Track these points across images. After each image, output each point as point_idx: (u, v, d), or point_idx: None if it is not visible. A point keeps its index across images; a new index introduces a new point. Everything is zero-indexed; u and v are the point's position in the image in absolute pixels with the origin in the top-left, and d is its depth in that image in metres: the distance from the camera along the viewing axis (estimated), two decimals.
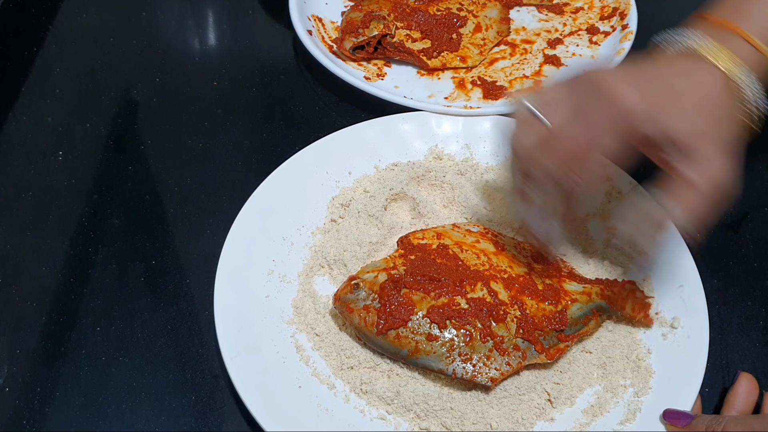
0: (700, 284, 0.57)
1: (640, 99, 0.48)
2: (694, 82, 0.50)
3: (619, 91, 0.48)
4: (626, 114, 0.48)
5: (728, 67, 0.50)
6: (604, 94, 0.49)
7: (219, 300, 0.55)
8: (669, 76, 0.50)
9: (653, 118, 0.48)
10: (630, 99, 0.48)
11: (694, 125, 0.49)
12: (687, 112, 0.49)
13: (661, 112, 0.48)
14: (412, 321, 0.52)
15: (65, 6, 0.83)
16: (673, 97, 0.49)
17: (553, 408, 0.53)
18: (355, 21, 0.76)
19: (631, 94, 0.48)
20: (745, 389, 0.52)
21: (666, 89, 0.50)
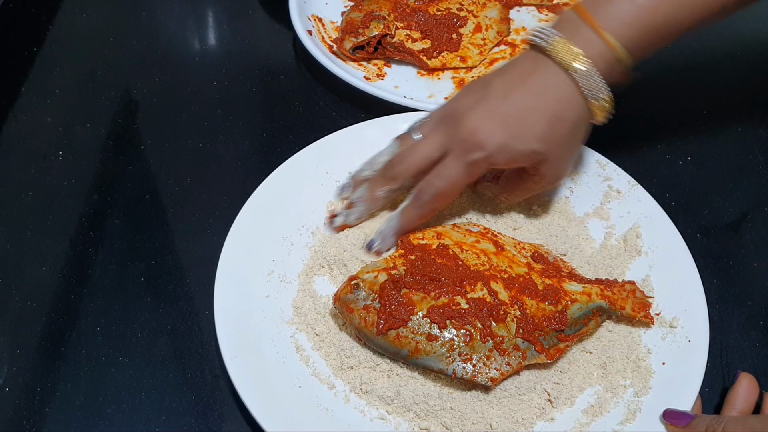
0: (700, 284, 0.57)
1: (490, 134, 0.54)
2: (542, 89, 0.55)
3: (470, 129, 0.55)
4: (478, 149, 0.55)
5: (566, 64, 0.53)
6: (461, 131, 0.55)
7: (219, 300, 0.55)
8: (521, 92, 0.55)
9: (507, 148, 0.54)
10: (481, 136, 0.54)
11: (545, 137, 0.55)
12: (538, 129, 0.54)
13: (515, 138, 0.54)
14: (412, 321, 0.52)
15: (65, 6, 0.83)
16: (524, 118, 0.54)
17: (553, 408, 0.53)
18: (355, 21, 0.76)
19: (483, 130, 0.54)
20: (745, 389, 0.52)
21: (517, 110, 0.55)
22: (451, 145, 0.56)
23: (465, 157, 0.55)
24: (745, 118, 0.75)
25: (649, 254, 0.60)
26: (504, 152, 0.55)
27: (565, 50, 0.54)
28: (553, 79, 0.54)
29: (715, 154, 0.71)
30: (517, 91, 0.55)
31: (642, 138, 0.71)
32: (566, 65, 0.53)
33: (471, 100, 0.56)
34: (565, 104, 0.54)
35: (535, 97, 0.55)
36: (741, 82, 0.78)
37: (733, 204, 0.67)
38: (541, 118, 0.54)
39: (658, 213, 0.62)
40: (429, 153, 0.57)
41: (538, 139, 0.54)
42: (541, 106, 0.54)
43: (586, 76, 0.53)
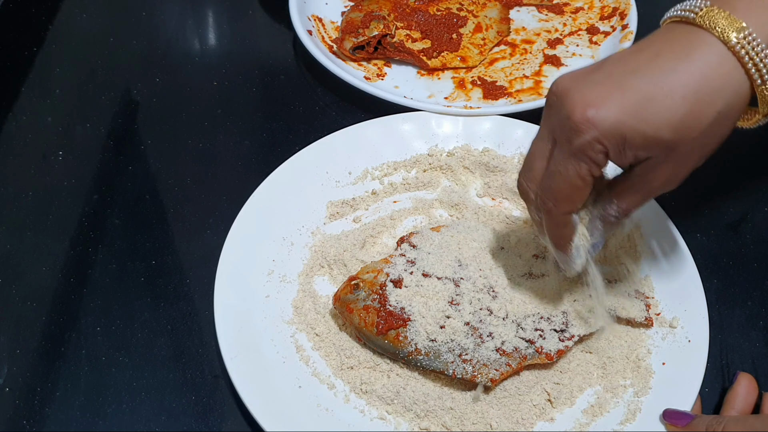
0: (700, 284, 0.57)
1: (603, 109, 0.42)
2: (685, 62, 0.42)
3: (576, 104, 0.42)
4: (585, 130, 0.42)
5: (725, 32, 0.42)
6: (564, 108, 0.43)
7: (219, 300, 0.55)
8: (655, 64, 0.43)
9: (626, 129, 0.42)
10: (590, 111, 0.42)
11: (681, 125, 0.42)
12: (674, 112, 0.42)
13: (639, 119, 0.42)
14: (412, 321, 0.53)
15: (65, 6, 0.83)
16: (657, 95, 0.42)
17: (553, 408, 0.53)
18: (355, 21, 0.76)
19: (593, 103, 0.42)
20: (745, 389, 0.52)
21: (648, 85, 0.42)
22: (557, 128, 0.44)
23: (570, 142, 0.43)
24: None
25: (649, 254, 0.60)
26: (620, 133, 0.42)
27: (722, 17, 0.42)
28: (703, 53, 0.42)
29: (715, 154, 0.71)
30: (652, 63, 0.42)
31: None
32: (722, 33, 0.41)
33: (582, 73, 0.44)
34: (717, 84, 0.42)
35: (676, 71, 0.42)
36: None
37: (733, 204, 0.67)
38: (679, 98, 0.41)
39: (658, 213, 0.62)
40: (539, 150, 0.46)
41: (670, 125, 0.42)
42: (682, 84, 0.42)
43: (752, 49, 0.41)
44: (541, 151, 0.46)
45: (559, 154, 0.44)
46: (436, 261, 0.55)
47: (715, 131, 0.44)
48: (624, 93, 0.42)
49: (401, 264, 0.55)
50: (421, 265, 0.55)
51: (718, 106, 0.42)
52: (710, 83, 0.42)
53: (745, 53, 0.42)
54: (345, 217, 0.63)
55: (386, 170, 0.66)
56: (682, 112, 0.42)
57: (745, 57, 0.42)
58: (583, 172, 0.44)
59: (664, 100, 0.42)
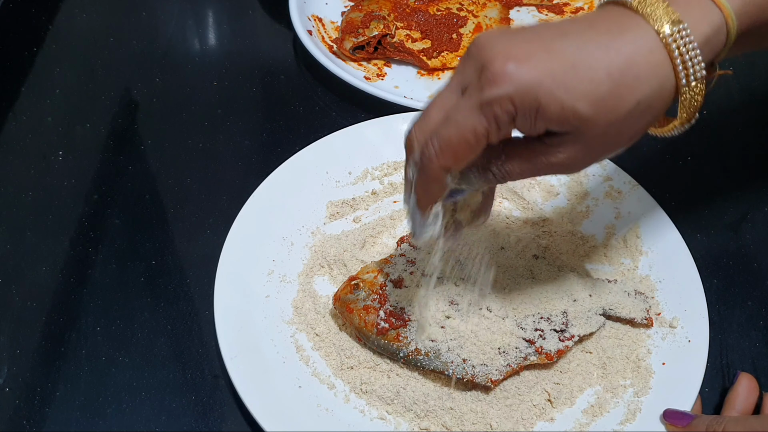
0: (700, 284, 0.57)
1: (525, 65, 0.39)
2: (617, 41, 0.40)
3: (497, 54, 0.39)
4: (500, 82, 0.39)
5: (658, 20, 0.40)
6: (483, 57, 0.40)
7: (219, 300, 0.55)
8: (587, 35, 0.40)
9: (543, 91, 0.39)
10: (510, 65, 0.39)
11: (599, 101, 0.39)
12: (595, 86, 0.39)
13: (558, 83, 0.39)
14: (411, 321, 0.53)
15: (65, 6, 0.83)
16: (582, 63, 0.39)
17: (553, 408, 0.53)
18: (355, 21, 0.76)
19: (515, 57, 0.39)
20: (745, 389, 0.52)
21: (575, 52, 0.40)
22: (470, 79, 0.41)
23: (482, 92, 0.39)
24: (745, 118, 0.75)
25: (649, 254, 0.60)
26: (535, 96, 0.39)
27: (660, 7, 0.40)
28: (635, 36, 0.40)
29: (715, 154, 0.71)
30: (584, 33, 0.40)
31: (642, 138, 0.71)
32: (656, 21, 0.40)
33: (511, 29, 0.42)
34: (643, 70, 0.40)
35: (606, 46, 0.40)
36: (741, 82, 0.78)
37: (733, 204, 0.67)
38: (603, 73, 0.39)
39: (658, 213, 0.62)
40: (443, 100, 0.42)
41: (589, 99, 0.39)
42: (609, 60, 0.39)
43: (684, 44, 0.40)
44: (443, 101, 0.42)
45: (463, 103, 0.41)
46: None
47: (632, 122, 0.41)
48: (549, 55, 0.40)
49: (401, 264, 0.55)
50: (421, 265, 0.55)
51: (640, 94, 0.40)
52: (636, 68, 0.40)
53: (676, 47, 0.40)
54: (345, 217, 0.63)
55: (386, 170, 0.66)
56: (604, 88, 0.39)
57: (675, 51, 0.40)
58: (480, 129, 0.40)
59: (588, 71, 0.39)
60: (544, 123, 0.40)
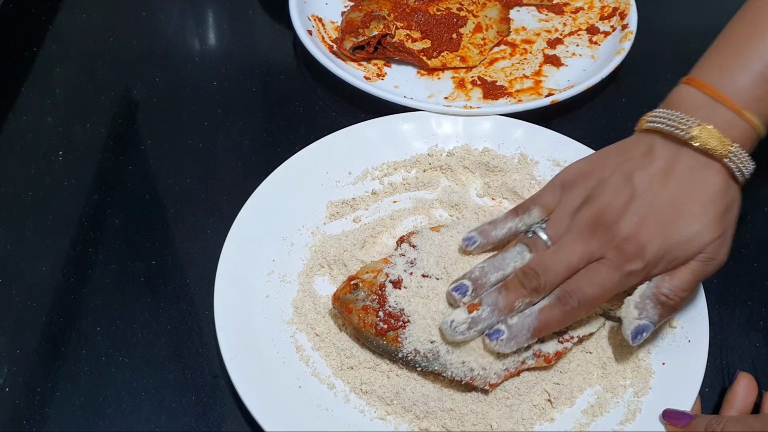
0: (700, 284, 0.57)
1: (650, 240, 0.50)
2: (690, 182, 0.51)
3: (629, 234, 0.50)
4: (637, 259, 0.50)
5: (718, 153, 0.51)
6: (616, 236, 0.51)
7: (219, 300, 0.55)
8: (670, 187, 0.51)
9: (668, 253, 0.50)
10: (640, 244, 0.50)
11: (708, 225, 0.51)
12: (696, 222, 0.50)
13: (675, 243, 0.50)
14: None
15: (65, 6, 0.83)
16: (680, 216, 0.51)
17: (553, 408, 0.53)
18: (355, 21, 0.76)
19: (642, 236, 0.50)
20: (744, 389, 0.52)
21: (670, 208, 0.51)
22: (605, 253, 0.51)
23: (622, 267, 0.50)
24: None
25: None
26: (664, 259, 0.50)
27: (710, 137, 0.51)
28: (702, 170, 0.51)
29: None
30: (666, 186, 0.51)
31: None
32: (718, 155, 0.51)
33: (619, 201, 0.52)
34: (719, 193, 0.51)
35: (685, 191, 0.51)
36: None
37: None
38: (697, 210, 0.51)
39: None
40: (577, 262, 0.51)
41: (703, 228, 0.51)
42: (694, 200, 0.51)
43: (738, 161, 0.51)
44: (578, 262, 0.51)
45: (605, 270, 0.51)
46: (436, 261, 0.55)
47: (731, 215, 0.52)
48: (659, 222, 0.51)
49: (401, 264, 0.55)
50: (421, 265, 0.55)
51: (726, 202, 0.52)
52: (715, 194, 0.51)
53: (737, 168, 0.51)
54: (345, 217, 0.63)
55: (386, 170, 0.66)
56: (704, 218, 0.51)
57: (737, 173, 0.52)
58: (619, 289, 0.51)
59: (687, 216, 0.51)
60: (679, 264, 0.51)
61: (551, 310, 0.51)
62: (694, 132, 0.51)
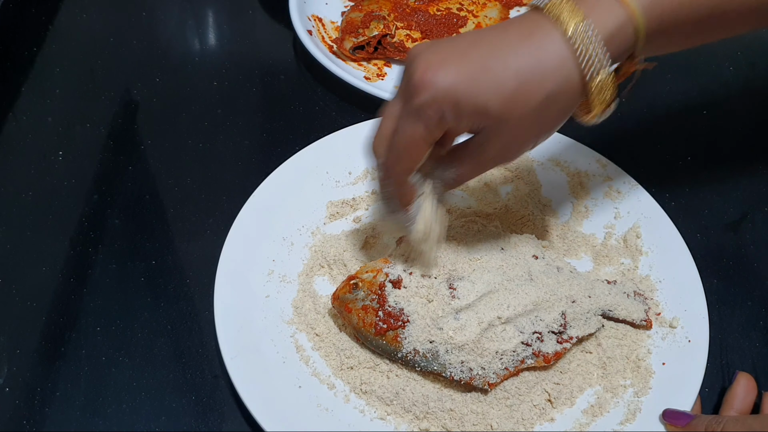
0: (700, 284, 0.57)
1: (441, 73, 0.44)
2: (523, 44, 0.45)
3: (419, 66, 0.45)
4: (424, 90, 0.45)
5: (562, 21, 0.44)
6: (409, 70, 0.46)
7: (219, 300, 0.55)
8: (496, 41, 0.45)
9: (459, 93, 0.44)
10: (430, 74, 0.45)
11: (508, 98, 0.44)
12: (502, 84, 0.44)
13: (471, 84, 0.44)
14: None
15: (65, 6, 0.83)
16: (490, 66, 0.44)
17: (553, 408, 0.53)
18: (355, 21, 0.76)
19: (433, 67, 0.44)
20: (744, 389, 0.52)
21: (484, 56, 0.45)
22: (403, 90, 0.47)
23: (412, 101, 0.45)
24: (745, 118, 0.75)
25: (649, 254, 0.60)
26: (453, 97, 0.44)
27: (566, 9, 0.44)
28: (542, 37, 0.45)
29: (715, 154, 0.71)
30: (492, 40, 0.45)
31: (642, 138, 0.71)
32: (562, 23, 0.44)
33: (437, 41, 0.48)
34: (549, 67, 0.44)
35: (512, 50, 0.45)
36: (741, 82, 0.78)
37: (733, 204, 0.67)
38: (511, 73, 0.44)
39: (658, 213, 0.62)
40: (390, 110, 0.48)
41: (499, 96, 0.44)
42: (517, 61, 0.44)
43: (585, 40, 0.44)
44: (391, 111, 0.48)
45: (402, 113, 0.47)
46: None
47: (545, 114, 0.46)
48: (463, 61, 0.45)
49: (401, 264, 0.55)
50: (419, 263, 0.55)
51: (547, 89, 0.45)
52: (542, 65, 0.44)
53: (580, 44, 0.44)
54: (345, 217, 0.63)
55: None
56: (512, 86, 0.44)
57: (578, 49, 0.44)
58: (420, 132, 0.46)
59: (498, 72, 0.45)
60: (466, 121, 0.46)
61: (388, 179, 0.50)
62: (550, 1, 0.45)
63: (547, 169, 0.66)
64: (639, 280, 0.59)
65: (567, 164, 0.66)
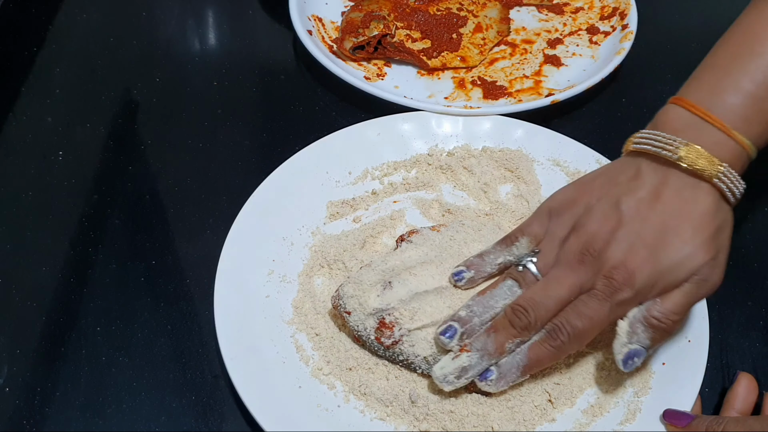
0: None
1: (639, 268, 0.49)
2: (679, 204, 0.50)
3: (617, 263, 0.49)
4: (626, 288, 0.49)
5: (708, 173, 0.49)
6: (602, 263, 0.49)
7: (219, 300, 0.55)
8: (658, 211, 0.50)
9: (658, 280, 0.49)
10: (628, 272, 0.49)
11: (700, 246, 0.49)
12: (687, 246, 0.49)
13: (665, 269, 0.49)
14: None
15: (65, 6, 0.83)
16: (668, 241, 0.49)
17: (554, 408, 0.53)
18: (355, 21, 0.76)
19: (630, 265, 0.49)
20: (745, 389, 0.52)
21: (659, 234, 0.49)
22: (595, 284, 0.49)
23: (612, 296, 0.49)
24: None
25: None
26: (655, 285, 0.49)
27: (699, 158, 0.49)
28: (690, 191, 0.50)
29: None
30: (654, 210, 0.50)
31: None
32: (708, 175, 0.49)
33: (606, 228, 0.50)
34: (709, 214, 0.50)
35: (674, 214, 0.49)
36: None
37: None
38: (687, 233, 0.49)
39: None
40: (567, 295, 0.50)
41: (694, 251, 0.49)
42: (684, 223, 0.49)
43: (728, 181, 0.50)
44: (567, 296, 0.50)
45: (594, 302, 0.49)
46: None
47: (724, 236, 0.51)
48: (647, 249, 0.49)
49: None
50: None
51: (717, 224, 0.50)
52: (705, 215, 0.50)
53: (727, 189, 0.50)
54: (345, 217, 0.63)
55: (386, 170, 0.66)
56: (695, 240, 0.49)
57: (727, 193, 0.50)
58: (609, 321, 0.50)
59: (676, 240, 0.49)
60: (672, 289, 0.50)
61: (541, 347, 0.50)
62: (682, 152, 0.49)
63: (547, 169, 0.66)
64: None
65: (567, 164, 0.66)
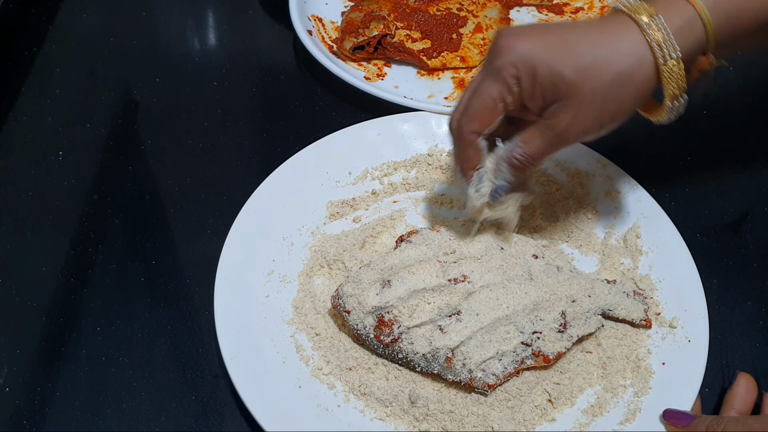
0: (700, 284, 0.57)
1: (522, 41, 0.49)
2: (602, 30, 0.49)
3: (503, 35, 0.50)
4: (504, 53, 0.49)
5: (637, 15, 0.49)
6: (493, 43, 0.51)
7: (219, 300, 0.55)
8: (579, 25, 0.51)
9: (535, 58, 0.49)
10: (511, 41, 0.49)
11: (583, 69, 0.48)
12: (579, 57, 0.48)
13: (548, 52, 0.49)
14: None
15: (65, 6, 0.83)
16: (569, 40, 0.49)
17: (554, 408, 0.53)
18: (355, 21, 0.76)
19: (516, 38, 0.49)
20: (744, 389, 0.52)
21: (564, 32, 0.50)
22: (485, 62, 0.52)
23: (492, 63, 0.50)
24: (745, 118, 0.75)
25: (649, 254, 0.60)
26: (531, 61, 0.48)
27: (639, 5, 0.49)
28: (618, 25, 0.49)
29: (715, 154, 0.71)
30: (573, 25, 0.52)
31: (642, 138, 0.71)
32: (635, 16, 0.49)
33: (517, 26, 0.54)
34: (622, 49, 0.49)
35: (590, 31, 0.50)
36: (741, 82, 0.78)
37: (733, 204, 0.67)
38: (587, 47, 0.49)
39: (658, 213, 0.62)
40: (470, 83, 0.52)
41: (574, 65, 0.48)
42: (593, 39, 0.49)
43: (656, 29, 0.48)
44: (470, 83, 0.52)
45: (479, 75, 0.52)
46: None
47: (617, 92, 0.49)
48: (543, 34, 0.50)
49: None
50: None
51: (620, 67, 0.49)
52: (616, 45, 0.49)
53: (651, 32, 0.48)
54: (345, 217, 0.63)
55: (386, 170, 0.66)
56: (587, 58, 0.48)
57: (650, 35, 0.48)
58: (495, 92, 0.50)
59: (574, 44, 0.49)
60: (539, 87, 0.49)
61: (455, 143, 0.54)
62: (631, 3, 0.50)
63: (548, 169, 0.66)
64: (639, 280, 0.59)
65: (567, 164, 0.66)
